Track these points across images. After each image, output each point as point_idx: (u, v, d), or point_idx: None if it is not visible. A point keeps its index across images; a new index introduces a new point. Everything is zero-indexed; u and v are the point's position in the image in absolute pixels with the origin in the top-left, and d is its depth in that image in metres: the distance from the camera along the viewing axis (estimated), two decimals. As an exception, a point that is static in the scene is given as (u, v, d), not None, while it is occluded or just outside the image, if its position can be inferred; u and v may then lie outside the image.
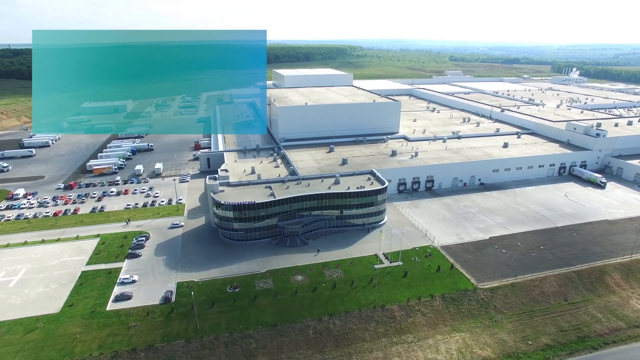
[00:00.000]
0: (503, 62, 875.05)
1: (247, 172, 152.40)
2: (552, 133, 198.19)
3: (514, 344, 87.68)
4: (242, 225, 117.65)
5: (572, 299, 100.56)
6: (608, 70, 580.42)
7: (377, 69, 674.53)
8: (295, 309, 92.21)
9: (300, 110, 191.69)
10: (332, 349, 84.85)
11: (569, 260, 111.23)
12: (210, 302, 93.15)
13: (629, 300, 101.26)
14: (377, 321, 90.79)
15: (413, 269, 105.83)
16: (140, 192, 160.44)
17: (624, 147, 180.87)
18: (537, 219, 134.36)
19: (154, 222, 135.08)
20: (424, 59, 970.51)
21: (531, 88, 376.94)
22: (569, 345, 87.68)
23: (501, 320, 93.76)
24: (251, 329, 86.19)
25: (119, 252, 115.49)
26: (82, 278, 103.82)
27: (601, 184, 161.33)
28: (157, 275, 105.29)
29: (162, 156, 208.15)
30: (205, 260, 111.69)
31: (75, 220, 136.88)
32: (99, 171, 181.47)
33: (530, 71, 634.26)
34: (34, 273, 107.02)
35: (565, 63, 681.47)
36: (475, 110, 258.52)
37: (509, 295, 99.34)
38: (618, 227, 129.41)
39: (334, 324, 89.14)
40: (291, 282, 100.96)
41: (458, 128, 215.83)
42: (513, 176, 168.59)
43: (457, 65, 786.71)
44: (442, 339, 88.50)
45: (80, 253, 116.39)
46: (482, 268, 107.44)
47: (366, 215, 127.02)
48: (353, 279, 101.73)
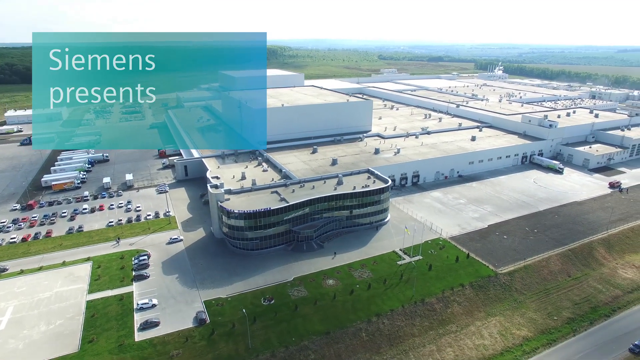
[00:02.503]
0: (429, 60, 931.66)
1: (236, 178, 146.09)
2: (508, 125, 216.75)
3: (543, 321, 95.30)
4: (256, 233, 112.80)
5: (574, 274, 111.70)
6: (522, 67, 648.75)
7: (315, 69, 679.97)
8: (340, 313, 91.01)
9: (278, 112, 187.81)
10: (387, 348, 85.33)
11: (562, 240, 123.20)
12: (251, 317, 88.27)
13: (616, 271, 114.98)
14: (420, 315, 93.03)
15: (435, 262, 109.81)
16: (117, 207, 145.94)
17: (570, 135, 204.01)
18: (520, 205, 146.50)
19: (147, 239, 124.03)
20: (355, 58, 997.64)
21: (468, 84, 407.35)
22: (587, 316, 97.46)
23: (524, 300, 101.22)
24: (305, 340, 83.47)
25: (123, 275, 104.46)
26: (91, 309, 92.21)
27: (559, 169, 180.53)
28: (177, 295, 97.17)
29: (125, 167, 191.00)
30: (224, 274, 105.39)
31: (52, 245, 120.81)
32: (59, 187, 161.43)
33: (456, 68, 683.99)
34: (26, 310, 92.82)
35: (486, 61, 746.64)
36: (431, 107, 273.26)
37: (524, 277, 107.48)
38: (587, 207, 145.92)
39: (383, 323, 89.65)
40: (324, 287, 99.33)
41: (423, 124, 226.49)
42: (485, 167, 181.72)
43: (389, 64, 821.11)
44: (481, 324, 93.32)
45: (75, 281, 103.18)
46: (493, 254, 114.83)
47: (374, 213, 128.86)
48: (384, 277, 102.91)
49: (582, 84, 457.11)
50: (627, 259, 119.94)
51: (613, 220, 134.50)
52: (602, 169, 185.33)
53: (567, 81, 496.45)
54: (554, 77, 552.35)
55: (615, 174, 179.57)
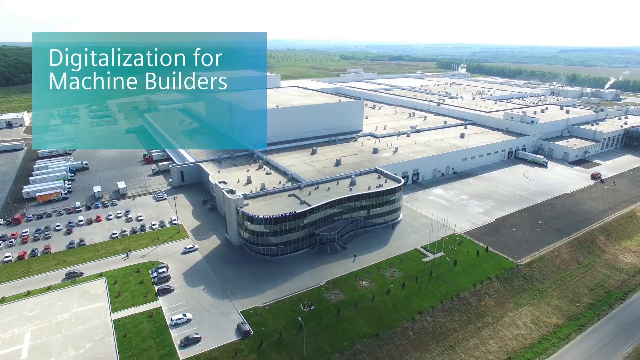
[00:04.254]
0: (390, 60, 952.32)
1: (242, 182, 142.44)
2: (490, 122, 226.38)
3: (568, 307, 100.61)
4: (280, 238, 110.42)
5: (583, 262, 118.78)
6: (482, 66, 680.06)
7: (282, 69, 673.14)
8: (383, 314, 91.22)
9: (273, 114, 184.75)
10: (434, 345, 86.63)
11: (566, 230, 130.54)
12: (297, 325, 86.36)
13: (617, 256, 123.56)
14: (458, 310, 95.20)
15: (458, 257, 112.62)
16: (116, 217, 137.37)
17: (549, 130, 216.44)
18: (518, 199, 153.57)
19: (159, 250, 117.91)
20: (317, 58, 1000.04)
21: (438, 83, 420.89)
22: (604, 300, 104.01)
23: (546, 289, 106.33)
24: (357, 344, 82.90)
25: (146, 290, 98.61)
26: (121, 328, 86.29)
27: (544, 163, 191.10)
28: (210, 308, 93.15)
29: (110, 174, 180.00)
30: (253, 282, 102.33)
31: (55, 261, 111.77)
32: (44, 198, 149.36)
33: (419, 67, 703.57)
34: (46, 334, 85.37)
35: (447, 60, 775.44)
36: (412, 106, 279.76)
37: (541, 267, 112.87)
38: (578, 198, 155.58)
39: (426, 320, 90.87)
40: (359, 289, 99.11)
41: (409, 123, 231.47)
42: (476, 163, 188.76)
43: (353, 63, 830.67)
44: (514, 315, 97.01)
45: (93, 299, 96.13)
46: (509, 247, 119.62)
47: (389, 212, 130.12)
48: (415, 275, 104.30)
49: (541, 82, 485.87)
50: (623, 245, 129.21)
51: (604, 209, 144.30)
52: (580, 162, 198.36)
53: (526, 79, 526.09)
54: (512, 75, 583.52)
55: (593, 166, 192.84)
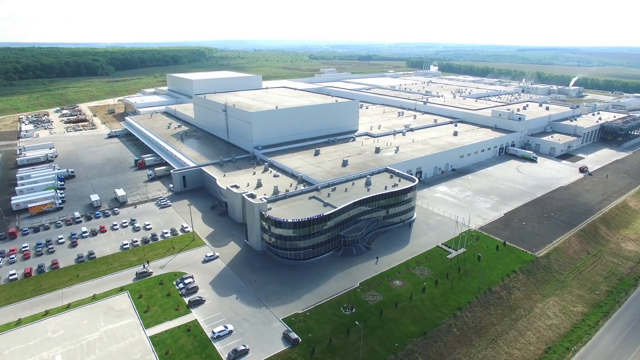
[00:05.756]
0: (359, 59, 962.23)
1: (251, 185, 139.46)
2: (479, 120, 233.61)
3: (589, 296, 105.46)
4: (308, 242, 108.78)
5: (592, 251, 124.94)
6: (451, 64, 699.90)
7: (256, 70, 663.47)
8: (425, 312, 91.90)
9: (273, 115, 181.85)
10: (477, 340, 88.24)
11: (571, 222, 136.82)
12: (343, 329, 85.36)
13: (620, 245, 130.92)
14: (493, 304, 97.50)
15: (480, 252, 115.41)
16: (122, 227, 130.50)
17: (534, 127, 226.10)
18: (520, 193, 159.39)
19: (178, 259, 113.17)
20: (287, 59, 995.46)
21: (415, 82, 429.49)
22: (620, 286, 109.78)
23: (565, 279, 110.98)
24: (408, 344, 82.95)
25: (175, 303, 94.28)
26: (161, 345, 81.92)
27: (533, 158, 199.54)
28: (249, 317, 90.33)
29: (102, 181, 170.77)
30: (286, 287, 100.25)
31: (67, 277, 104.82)
32: (37, 210, 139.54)
33: (390, 67, 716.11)
34: (80, 356, 79.84)
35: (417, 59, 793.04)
36: (399, 105, 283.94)
37: (557, 258, 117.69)
38: (574, 191, 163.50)
39: (467, 316, 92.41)
40: (395, 289, 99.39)
41: (401, 121, 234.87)
42: (472, 160, 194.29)
43: (324, 63, 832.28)
44: (543, 306, 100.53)
45: (120, 315, 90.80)
46: (524, 240, 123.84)
47: (406, 211, 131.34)
48: (445, 272, 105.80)
49: (511, 80, 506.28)
50: (623, 233, 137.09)
51: (600, 201, 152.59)
52: (565, 156, 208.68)
53: (495, 77, 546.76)
54: (481, 73, 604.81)
55: (578, 160, 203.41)
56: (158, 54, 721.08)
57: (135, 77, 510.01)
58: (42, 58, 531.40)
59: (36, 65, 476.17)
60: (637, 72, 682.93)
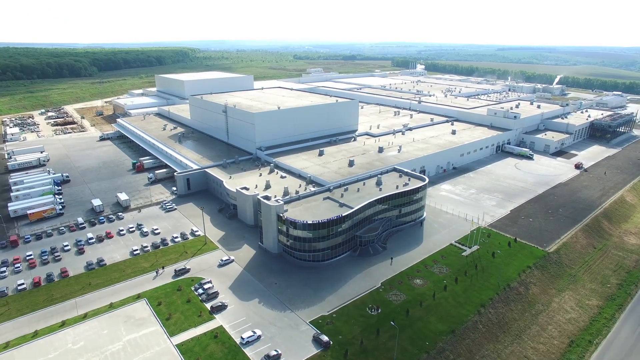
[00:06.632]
0: (344, 59, 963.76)
1: (260, 187, 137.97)
2: (474, 118, 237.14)
3: (602, 289, 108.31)
4: (327, 243, 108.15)
5: (597, 246, 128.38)
6: (436, 64, 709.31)
7: (243, 70, 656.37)
8: (450, 310, 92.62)
9: (276, 115, 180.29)
10: (503, 336, 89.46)
11: (575, 217, 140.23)
12: (372, 329, 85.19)
13: (622, 238, 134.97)
14: (513, 300, 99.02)
15: (493, 249, 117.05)
16: (129, 232, 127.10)
17: (528, 125, 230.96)
18: (522, 190, 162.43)
19: (192, 264, 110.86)
20: (272, 59, 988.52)
21: (405, 81, 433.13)
22: (629, 279, 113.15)
23: (576, 274, 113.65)
24: (439, 342, 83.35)
25: (197, 309, 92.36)
26: (189, 354, 79.99)
27: (530, 156, 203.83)
28: (275, 321, 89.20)
29: (100, 185, 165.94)
30: (308, 290, 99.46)
31: (79, 285, 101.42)
32: (37, 216, 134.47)
33: (375, 67, 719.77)
34: (105, 367, 77.05)
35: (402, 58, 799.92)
36: (394, 104, 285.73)
37: (567, 253, 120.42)
38: (573, 187, 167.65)
39: (490, 313, 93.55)
40: (416, 288, 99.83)
41: (398, 121, 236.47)
42: (471, 158, 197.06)
43: (310, 63, 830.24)
44: (559, 300, 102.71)
45: (142, 324, 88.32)
46: (533, 236, 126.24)
47: (416, 210, 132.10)
48: (463, 270, 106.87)
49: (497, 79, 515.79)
50: (624, 227, 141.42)
51: (599, 196, 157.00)
52: (559, 153, 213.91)
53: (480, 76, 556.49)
54: (467, 73, 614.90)
55: (572, 157, 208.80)
56: (142, 55, 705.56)
57: (120, 78, 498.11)
58: (20, 59, 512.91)
59: (15, 66, 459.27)
60: (612, 70, 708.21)
